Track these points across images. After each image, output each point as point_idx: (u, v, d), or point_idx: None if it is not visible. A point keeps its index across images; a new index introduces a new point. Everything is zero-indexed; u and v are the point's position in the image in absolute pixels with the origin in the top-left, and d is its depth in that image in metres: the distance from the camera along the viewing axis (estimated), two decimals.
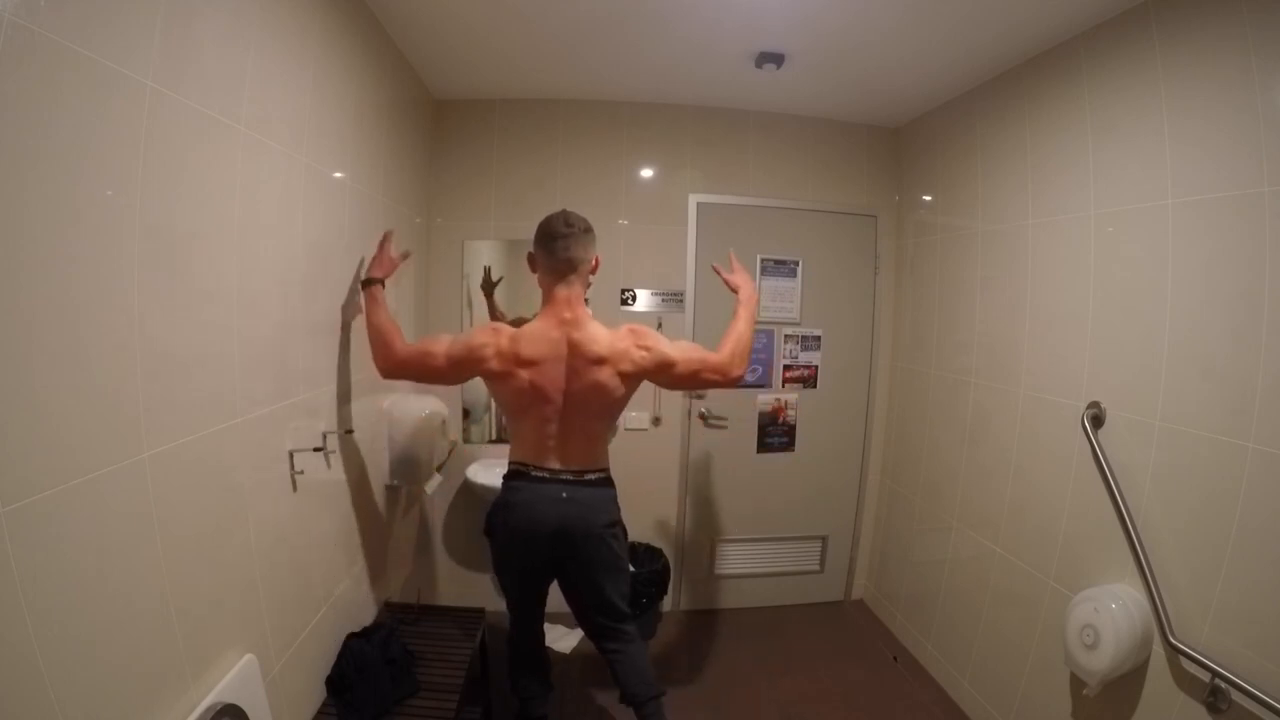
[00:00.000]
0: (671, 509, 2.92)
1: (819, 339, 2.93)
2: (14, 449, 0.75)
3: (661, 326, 2.72)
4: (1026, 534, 2.03)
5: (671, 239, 2.80)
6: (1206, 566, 1.44)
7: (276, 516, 1.40)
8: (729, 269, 1.87)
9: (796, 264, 2.87)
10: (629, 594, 1.77)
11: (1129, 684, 1.58)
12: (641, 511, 2.86)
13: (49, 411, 0.81)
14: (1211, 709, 1.36)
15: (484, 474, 2.53)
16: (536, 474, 1.64)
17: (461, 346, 1.64)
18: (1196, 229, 1.51)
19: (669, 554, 2.82)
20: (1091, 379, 1.79)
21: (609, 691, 2.02)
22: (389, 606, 2.10)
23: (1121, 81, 1.72)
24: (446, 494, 2.78)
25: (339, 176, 1.70)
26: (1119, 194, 1.72)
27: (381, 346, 1.69)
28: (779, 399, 2.92)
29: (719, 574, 2.98)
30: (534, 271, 1.72)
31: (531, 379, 1.61)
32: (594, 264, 1.71)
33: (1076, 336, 1.84)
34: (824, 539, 3.04)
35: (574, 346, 1.61)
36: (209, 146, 1.11)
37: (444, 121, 2.68)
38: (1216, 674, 1.34)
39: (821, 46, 2.11)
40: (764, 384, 2.90)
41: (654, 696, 1.72)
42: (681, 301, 2.82)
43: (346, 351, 1.77)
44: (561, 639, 2.58)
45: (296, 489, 1.48)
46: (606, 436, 1.75)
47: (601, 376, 1.62)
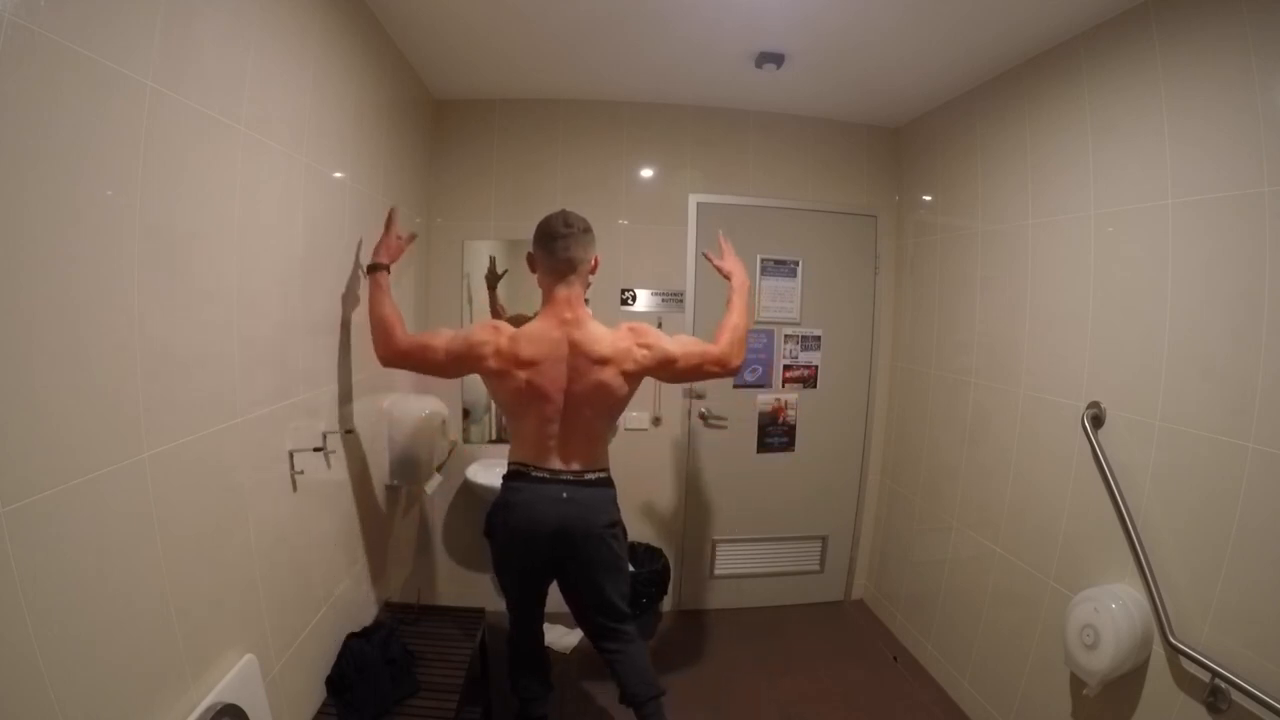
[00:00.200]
0: (671, 509, 2.92)
1: (819, 339, 2.93)
2: (14, 449, 0.75)
3: (661, 326, 2.71)
4: (1026, 534, 2.03)
5: (671, 239, 2.80)
6: (1206, 566, 1.44)
7: (276, 516, 1.40)
8: (719, 254, 1.87)
9: (796, 264, 2.87)
10: (629, 594, 1.77)
11: (1129, 684, 1.58)
12: (641, 511, 2.87)
13: (49, 411, 0.81)
14: (1211, 709, 1.36)
15: (484, 474, 2.53)
16: (537, 474, 1.64)
17: (461, 343, 1.64)
18: (1196, 229, 1.51)
19: (669, 554, 2.82)
20: (1091, 379, 1.79)
21: (609, 691, 2.02)
22: (389, 606, 2.10)
23: (1121, 81, 1.72)
24: (446, 494, 2.78)
25: (339, 176, 1.70)
26: (1119, 194, 1.72)
27: (383, 335, 1.68)
28: (779, 399, 2.92)
29: (719, 574, 2.98)
30: (534, 272, 1.72)
31: (529, 379, 1.61)
32: (593, 264, 1.71)
33: (1076, 336, 1.84)
34: (824, 539, 3.04)
35: (575, 346, 1.62)
36: (209, 146, 1.11)
37: (444, 121, 2.68)
38: (1216, 674, 1.34)
39: (821, 46, 2.11)
40: (764, 384, 2.90)
41: (654, 696, 1.71)
42: (681, 301, 2.82)
43: (347, 351, 1.77)
44: (561, 639, 2.58)
45: (296, 489, 1.48)
46: (607, 437, 1.75)
47: (605, 376, 1.62)
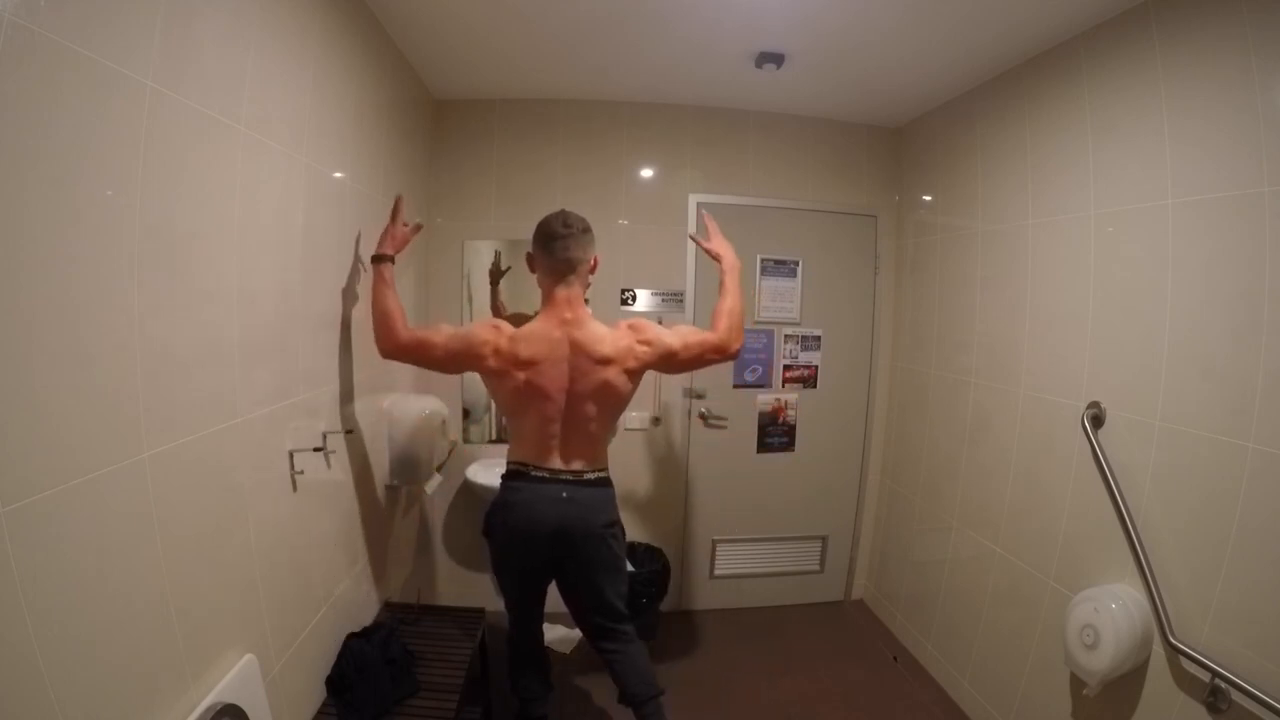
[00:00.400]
0: (671, 509, 2.92)
1: (819, 339, 2.92)
2: (14, 449, 0.75)
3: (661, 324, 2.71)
4: (1026, 534, 2.03)
5: (671, 239, 2.80)
6: (1206, 566, 1.44)
7: (276, 516, 1.40)
8: (705, 236, 1.87)
9: (796, 264, 2.87)
10: (627, 594, 1.77)
11: (1129, 684, 1.58)
12: (641, 511, 2.87)
13: (49, 411, 0.81)
14: (1211, 709, 1.36)
15: (484, 474, 2.53)
16: (536, 474, 1.64)
17: (461, 341, 1.64)
18: (1196, 229, 1.51)
19: (669, 554, 2.82)
20: (1091, 379, 1.79)
21: (609, 691, 2.02)
22: (389, 606, 2.10)
23: (1121, 81, 1.72)
24: (446, 494, 2.78)
25: (339, 176, 1.70)
26: (1119, 194, 1.72)
27: (385, 328, 1.68)
28: (779, 399, 2.92)
29: (719, 574, 2.98)
30: (533, 272, 1.72)
31: (529, 379, 1.61)
32: (593, 264, 1.71)
33: (1076, 336, 1.84)
34: (824, 539, 3.04)
35: (577, 346, 1.62)
36: (209, 146, 1.11)
37: (444, 121, 2.68)
38: (1216, 674, 1.34)
39: (821, 46, 2.11)
40: (764, 384, 2.90)
41: (653, 696, 1.71)
42: (681, 301, 2.82)
43: (347, 351, 1.77)
44: (561, 639, 2.58)
45: (296, 489, 1.48)
46: (607, 437, 1.75)
47: (609, 375, 1.63)
